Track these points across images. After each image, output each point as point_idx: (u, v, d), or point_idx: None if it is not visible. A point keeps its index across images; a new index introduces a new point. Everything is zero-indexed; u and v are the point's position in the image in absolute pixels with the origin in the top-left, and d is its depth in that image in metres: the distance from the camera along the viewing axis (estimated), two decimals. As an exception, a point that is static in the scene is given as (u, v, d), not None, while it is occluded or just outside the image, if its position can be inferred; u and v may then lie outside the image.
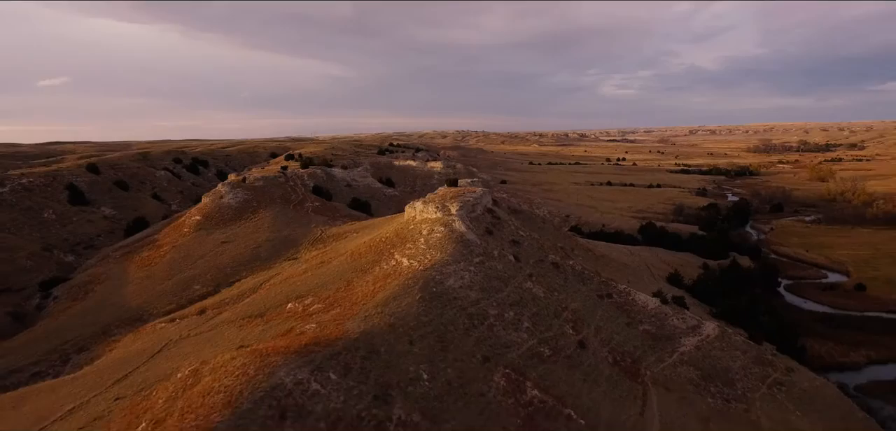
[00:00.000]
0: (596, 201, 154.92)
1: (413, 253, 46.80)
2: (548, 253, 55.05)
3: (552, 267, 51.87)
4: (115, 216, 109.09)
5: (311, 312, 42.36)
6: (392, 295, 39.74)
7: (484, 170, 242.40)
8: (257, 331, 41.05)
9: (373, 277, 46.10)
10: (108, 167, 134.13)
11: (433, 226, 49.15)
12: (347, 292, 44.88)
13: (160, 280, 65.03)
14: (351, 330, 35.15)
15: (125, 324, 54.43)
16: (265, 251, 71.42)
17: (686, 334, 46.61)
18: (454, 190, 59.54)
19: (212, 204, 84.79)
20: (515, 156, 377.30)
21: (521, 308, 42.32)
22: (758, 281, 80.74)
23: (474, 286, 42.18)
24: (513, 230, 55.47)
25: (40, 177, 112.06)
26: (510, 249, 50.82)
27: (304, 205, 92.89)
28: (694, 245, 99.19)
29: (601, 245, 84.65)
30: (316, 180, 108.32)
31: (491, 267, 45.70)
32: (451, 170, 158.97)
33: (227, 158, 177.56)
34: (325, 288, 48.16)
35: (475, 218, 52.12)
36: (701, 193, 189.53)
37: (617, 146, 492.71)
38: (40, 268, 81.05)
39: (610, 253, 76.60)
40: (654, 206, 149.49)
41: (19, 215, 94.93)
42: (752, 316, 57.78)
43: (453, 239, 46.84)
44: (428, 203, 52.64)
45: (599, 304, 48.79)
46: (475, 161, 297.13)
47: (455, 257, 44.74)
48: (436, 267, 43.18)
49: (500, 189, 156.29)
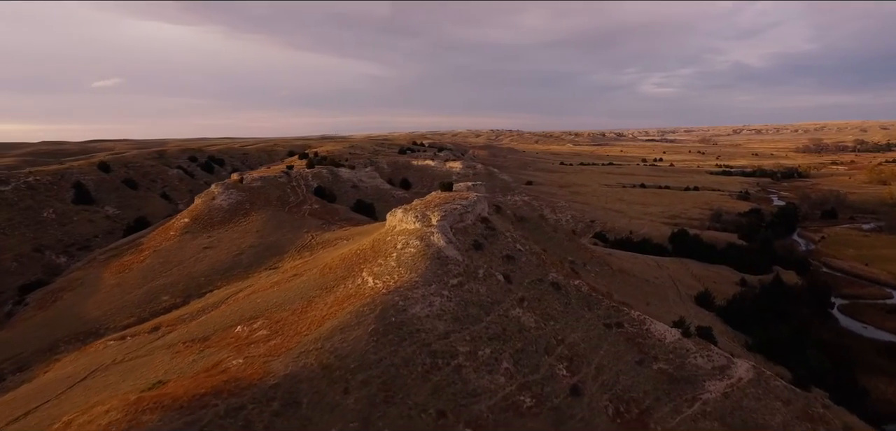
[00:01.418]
0: (626, 205, 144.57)
1: (381, 270, 39.72)
2: (549, 270, 47.08)
3: (552, 289, 43.90)
4: (118, 215, 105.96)
5: (253, 340, 35.79)
6: (341, 325, 32.76)
7: (511, 171, 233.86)
8: (187, 361, 34.70)
9: (334, 298, 39.26)
10: (120, 165, 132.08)
11: (408, 239, 41.96)
12: (301, 315, 38.17)
13: (130, 288, 59.99)
14: (275, 371, 28.34)
15: (76, 340, 49.29)
16: (247, 258, 65.67)
17: (712, 376, 37.99)
18: (443, 195, 52.23)
19: (202, 205, 79.85)
20: (547, 156, 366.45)
21: (502, 343, 34.65)
22: (806, 300, 70.25)
23: (445, 314, 34.75)
24: (509, 243, 47.69)
25: (48, 175, 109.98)
26: (501, 267, 43.13)
27: (302, 207, 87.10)
28: (731, 256, 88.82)
29: (624, 256, 75.75)
30: (320, 181, 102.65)
31: (471, 290, 38.16)
32: (470, 169, 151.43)
33: (245, 157, 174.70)
34: (282, 308, 41.63)
35: (461, 230, 44.62)
36: (743, 197, 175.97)
37: (655, 146, 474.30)
38: (25, 271, 77.64)
39: (631, 267, 67.76)
40: (688, 211, 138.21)
41: (17, 214, 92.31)
42: (797, 349, 48.31)
43: (428, 256, 39.51)
44: (408, 211, 45.47)
45: (605, 336, 40.61)
46: (504, 160, 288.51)
47: (426, 278, 37.42)
48: (400, 290, 35.97)
49: (522, 190, 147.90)
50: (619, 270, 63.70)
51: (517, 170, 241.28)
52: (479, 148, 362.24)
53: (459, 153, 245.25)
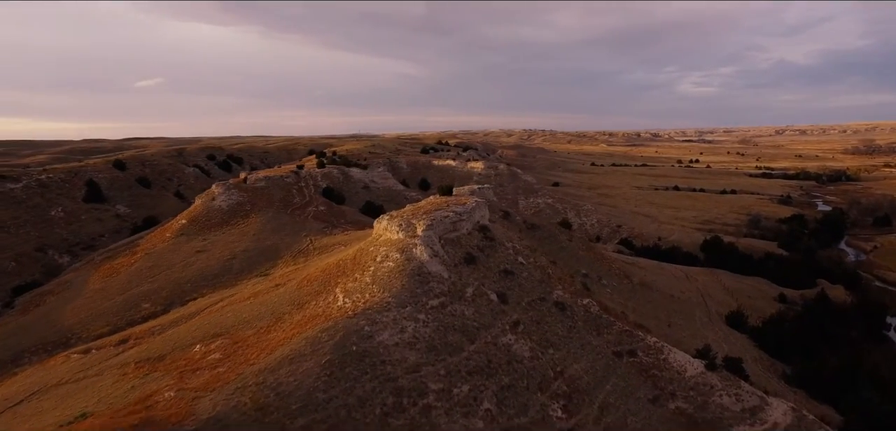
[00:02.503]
0: (657, 208, 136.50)
1: (354, 287, 34.85)
2: (555, 287, 41.42)
3: (555, 310, 38.28)
4: (128, 215, 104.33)
5: (203, 365, 31.39)
6: (292, 353, 27.99)
7: (538, 171, 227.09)
8: (125, 389, 30.54)
9: (301, 317, 34.60)
10: (137, 163, 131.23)
11: (389, 252, 36.96)
12: (262, 336, 33.63)
13: (113, 294, 56.85)
14: (200, 412, 23.76)
15: (43, 351, 46.12)
16: (239, 263, 61.87)
17: (740, 420, 31.82)
18: (438, 200, 47.06)
19: (201, 207, 76.72)
20: (579, 157, 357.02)
21: (485, 377, 29.32)
22: (856, 321, 62.23)
23: (418, 343, 29.61)
24: (510, 255, 42.22)
25: (61, 172, 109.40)
26: (496, 284, 37.72)
27: (306, 209, 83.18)
28: (769, 267, 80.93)
29: (648, 267, 69.15)
30: (329, 181, 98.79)
31: (454, 312, 32.89)
32: (492, 170, 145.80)
33: (265, 155, 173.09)
34: (248, 325, 37.24)
35: (453, 241, 39.38)
36: (784, 201, 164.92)
37: (692, 147, 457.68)
38: (24, 271, 75.82)
39: (655, 280, 61.26)
40: (723, 216, 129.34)
41: (24, 212, 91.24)
42: (848, 384, 41.32)
43: (406, 272, 34.42)
44: (393, 219, 40.48)
45: (614, 367, 34.82)
46: (533, 160, 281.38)
47: (401, 298, 32.34)
48: (368, 313, 30.99)
49: (546, 192, 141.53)
50: (641, 284, 57.36)
51: (545, 171, 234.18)
52: (509, 148, 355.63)
53: (485, 153, 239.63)
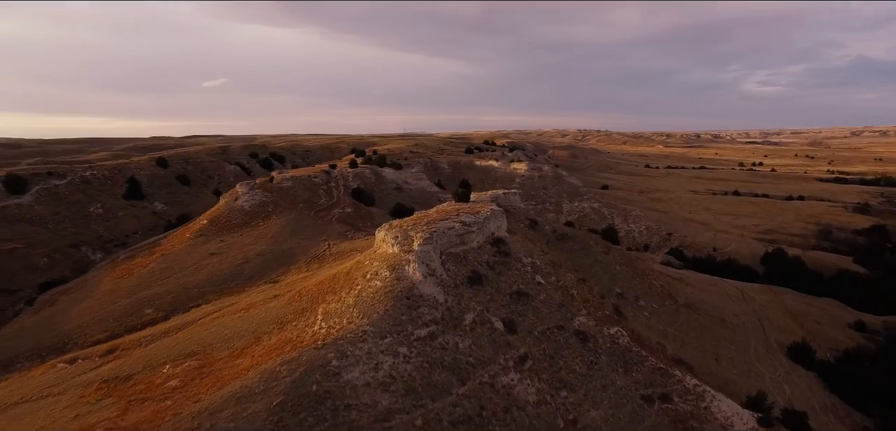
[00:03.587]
0: (713, 215, 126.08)
1: (335, 310, 30.42)
2: (578, 312, 35.66)
3: (574, 341, 32.60)
4: (165, 212, 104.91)
5: (156, 394, 27.79)
6: (243, 391, 23.80)
7: (588, 173, 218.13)
8: (70, 416, 27.32)
9: (275, 341, 30.53)
10: (180, 161, 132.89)
11: (380, 268, 32.31)
12: (230, 361, 29.77)
13: (120, 297, 55.06)
14: (115, 468, 19.86)
15: (36, 356, 44.34)
16: (251, 268, 59.00)
17: (801, 497, 25.25)
18: (450, 207, 42.10)
19: (223, 206, 74.82)
20: (633, 158, 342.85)
21: (474, 429, 24.19)
22: (950, 357, 52.66)
23: (394, 383, 24.79)
24: (526, 273, 36.75)
25: (105, 169, 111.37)
26: (505, 309, 32.40)
27: (331, 211, 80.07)
28: (843, 287, 71.10)
29: (698, 283, 61.65)
30: (361, 181, 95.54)
31: (446, 344, 27.87)
32: (536, 172, 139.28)
33: (307, 154, 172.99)
34: (226, 344, 33.55)
35: (457, 257, 34.31)
36: (861, 210, 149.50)
37: (755, 149, 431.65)
38: (54, 268, 76.26)
39: (704, 300, 53.98)
40: (788, 225, 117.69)
41: (64, 208, 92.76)
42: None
43: (392, 295, 29.63)
44: (392, 229, 35.81)
45: (642, 416, 28.88)
46: (584, 162, 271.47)
47: (381, 326, 27.60)
48: (340, 343, 26.44)
49: (592, 196, 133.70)
50: (686, 305, 50.35)
51: (595, 173, 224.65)
52: (561, 148, 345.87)
53: (533, 154, 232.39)
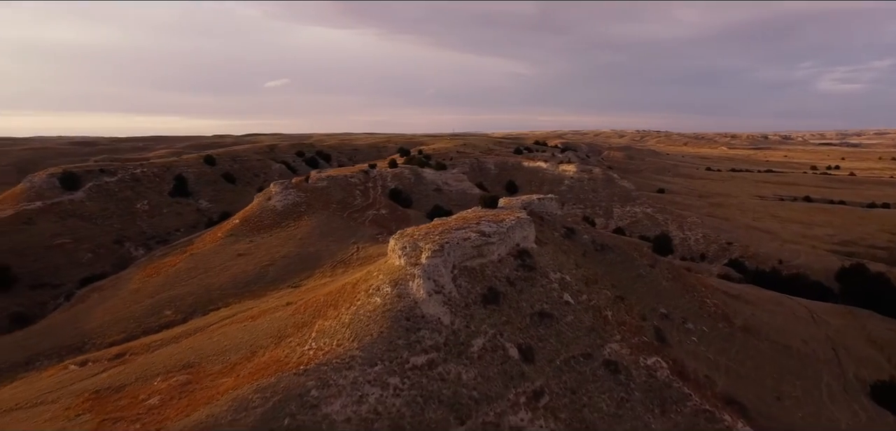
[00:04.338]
0: (780, 223, 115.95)
1: (328, 328, 27.38)
2: (610, 337, 31.19)
3: (603, 372, 28.23)
4: (209, 209, 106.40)
5: (132, 414, 25.58)
6: (209, 422, 21.08)
7: (643, 175, 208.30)
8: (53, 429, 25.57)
9: (267, 358, 27.84)
10: (227, 159, 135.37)
11: (381, 283, 29.02)
12: (216, 378, 27.30)
13: (144, 296, 54.49)
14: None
15: (55, 355, 43.80)
16: (275, 271, 57.29)
17: None
18: (472, 214, 38.33)
19: (256, 206, 73.99)
20: (693, 160, 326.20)
21: (468, 482, 20.45)
22: None
23: (379, 420, 21.39)
24: (552, 291, 32.56)
25: (155, 167, 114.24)
26: (521, 333, 28.42)
27: (365, 212, 77.86)
28: (935, 311, 62.16)
29: (759, 300, 55.09)
30: (399, 182, 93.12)
31: (446, 375, 24.23)
32: (585, 174, 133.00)
33: (354, 152, 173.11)
34: (222, 357, 31.20)
35: (472, 272, 30.55)
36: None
37: (831, 151, 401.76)
38: (96, 263, 77.87)
39: (766, 322, 47.72)
40: (870, 236, 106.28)
41: (112, 204, 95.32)
42: None
43: (390, 315, 26.23)
44: (401, 238, 32.45)
45: (680, 470, 24.22)
46: (640, 164, 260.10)
47: (373, 351, 24.26)
48: (323, 369, 23.30)
49: (645, 200, 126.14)
50: (744, 329, 44.43)
51: (651, 175, 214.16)
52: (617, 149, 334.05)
53: (585, 155, 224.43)
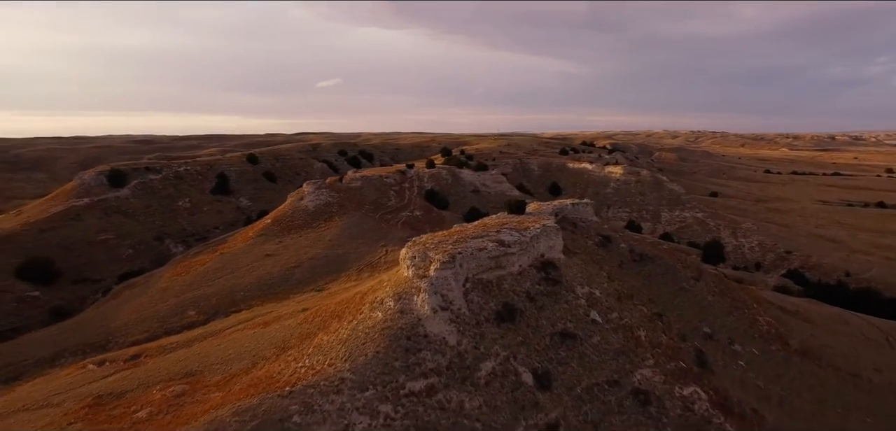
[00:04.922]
0: (848, 231, 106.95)
1: (325, 343, 25.34)
2: (643, 361, 27.87)
3: (631, 404, 25.02)
4: (249, 208, 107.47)
5: (121, 427, 24.30)
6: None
7: (696, 178, 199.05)
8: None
9: (264, 372, 26.09)
10: (270, 158, 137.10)
11: (386, 296, 26.74)
12: (208, 393, 25.73)
13: (170, 296, 54.38)
14: None
15: (80, 352, 43.80)
16: (301, 273, 56.15)
17: None
18: (495, 220, 35.61)
19: (289, 206, 73.48)
20: (751, 162, 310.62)
21: None
22: None
23: (366, 456, 19.08)
24: (578, 307, 29.46)
25: (198, 165, 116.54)
26: (538, 356, 25.53)
27: (399, 213, 76.09)
28: None
29: (822, 319, 49.63)
30: (437, 182, 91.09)
31: (446, 403, 21.68)
32: (632, 177, 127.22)
33: (397, 152, 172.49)
34: (223, 367, 29.72)
35: (487, 285, 27.86)
36: None
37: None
38: (136, 259, 79.43)
39: (828, 342, 42.68)
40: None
41: (155, 202, 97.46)
42: None
43: (390, 333, 23.86)
44: (412, 247, 30.09)
45: None
46: (694, 166, 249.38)
47: (365, 373, 21.98)
48: (311, 391, 21.21)
49: (696, 204, 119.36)
50: (801, 352, 39.73)
51: (704, 178, 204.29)
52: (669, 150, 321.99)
53: (635, 156, 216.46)
